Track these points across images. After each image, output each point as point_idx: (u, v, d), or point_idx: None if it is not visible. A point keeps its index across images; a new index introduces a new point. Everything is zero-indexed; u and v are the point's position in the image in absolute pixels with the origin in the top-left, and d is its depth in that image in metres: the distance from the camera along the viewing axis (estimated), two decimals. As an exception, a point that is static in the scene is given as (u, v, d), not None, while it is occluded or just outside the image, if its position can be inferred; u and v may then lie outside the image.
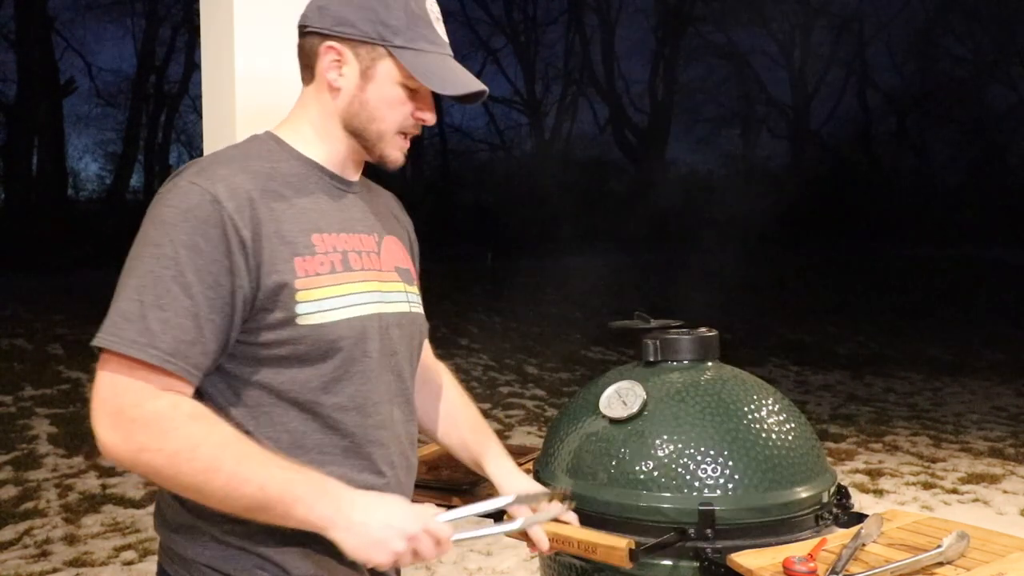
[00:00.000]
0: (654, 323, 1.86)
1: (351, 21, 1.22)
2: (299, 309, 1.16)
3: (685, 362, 1.76)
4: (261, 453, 1.12)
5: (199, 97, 1.91)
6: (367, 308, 1.24)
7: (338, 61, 1.24)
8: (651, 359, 1.76)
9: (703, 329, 1.82)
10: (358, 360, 1.23)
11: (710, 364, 1.77)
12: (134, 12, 21.73)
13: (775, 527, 1.53)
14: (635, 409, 1.63)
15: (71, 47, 21.01)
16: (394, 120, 1.26)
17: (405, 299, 1.34)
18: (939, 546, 1.37)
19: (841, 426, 7.37)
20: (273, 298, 1.15)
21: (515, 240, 21.59)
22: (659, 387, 1.68)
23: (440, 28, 1.28)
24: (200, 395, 1.17)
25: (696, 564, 1.49)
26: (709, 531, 1.50)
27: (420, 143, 27.16)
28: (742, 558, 1.39)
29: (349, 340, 1.20)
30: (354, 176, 1.35)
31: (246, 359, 1.18)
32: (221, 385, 1.19)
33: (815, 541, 1.45)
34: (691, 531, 1.50)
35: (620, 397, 1.67)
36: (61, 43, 20.30)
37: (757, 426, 1.61)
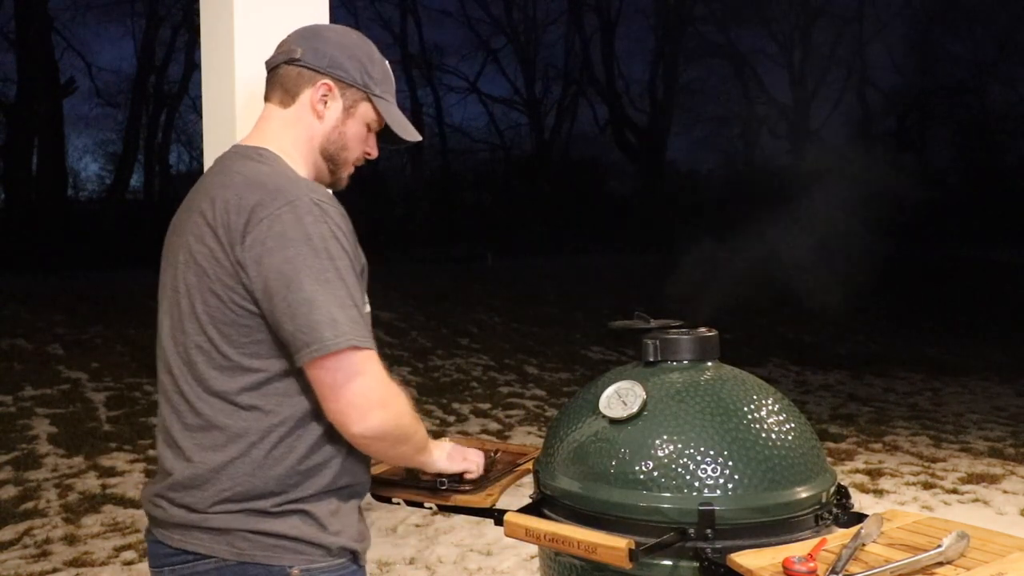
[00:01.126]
0: (654, 323, 1.86)
1: (344, 67, 1.51)
2: (365, 298, 1.43)
3: (685, 362, 1.76)
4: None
5: (199, 97, 1.91)
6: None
7: (327, 96, 1.51)
8: (651, 359, 1.76)
9: (703, 329, 1.82)
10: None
11: (710, 364, 1.77)
12: (134, 12, 21.75)
13: (775, 527, 1.53)
14: (635, 409, 1.63)
15: (71, 47, 21.03)
16: (358, 151, 1.57)
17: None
18: (939, 546, 1.37)
19: (841, 426, 7.37)
20: (362, 291, 1.42)
21: (515, 240, 21.59)
22: (659, 387, 1.68)
23: (394, 85, 1.60)
24: (300, 379, 1.39)
25: (696, 564, 1.49)
26: (709, 531, 1.49)
27: (420, 143, 27.14)
28: (742, 558, 1.39)
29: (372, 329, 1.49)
30: None
31: None
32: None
33: (815, 541, 1.45)
34: (691, 531, 1.50)
35: (620, 397, 1.67)
36: (61, 43, 20.32)
37: (757, 426, 1.61)
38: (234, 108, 1.79)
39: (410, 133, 1.59)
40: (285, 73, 1.50)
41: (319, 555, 1.40)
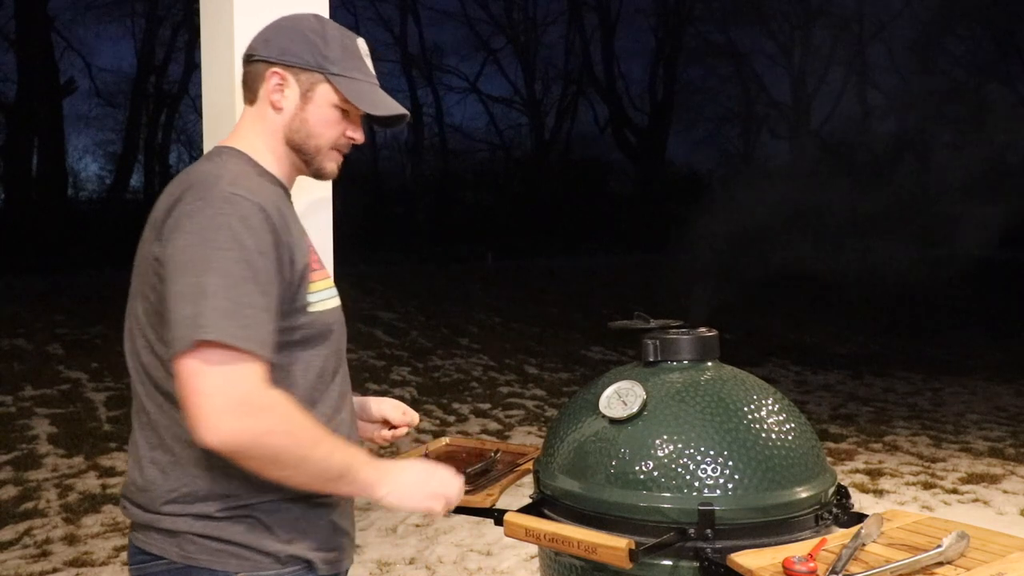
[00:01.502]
0: (654, 323, 1.86)
1: (294, 51, 1.43)
2: (309, 299, 1.36)
3: (685, 362, 1.76)
4: (334, 434, 1.33)
5: (199, 97, 1.91)
6: (336, 300, 1.47)
7: (281, 84, 1.44)
8: (651, 359, 1.76)
9: (703, 329, 1.82)
10: (337, 342, 1.45)
11: (710, 364, 1.77)
12: (134, 12, 21.74)
13: (775, 527, 1.53)
14: (635, 409, 1.63)
15: (71, 47, 21.02)
16: (329, 137, 1.47)
17: (336, 294, 1.53)
18: (939, 546, 1.37)
19: (841, 426, 7.37)
20: (297, 290, 1.34)
21: (515, 240, 21.59)
22: (659, 387, 1.68)
23: (370, 64, 1.50)
24: None
25: (696, 564, 1.49)
26: (709, 531, 1.50)
27: (420, 143, 27.20)
28: (742, 558, 1.39)
29: (335, 325, 1.44)
30: (291, 187, 1.53)
31: (278, 345, 1.34)
32: None
33: (815, 541, 1.45)
34: (691, 531, 1.50)
35: (620, 397, 1.67)
36: (61, 43, 20.31)
37: (757, 426, 1.61)
38: (234, 108, 1.79)
39: (384, 107, 1.47)
40: (246, 72, 1.47)
41: (267, 562, 1.34)
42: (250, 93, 1.47)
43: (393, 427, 1.73)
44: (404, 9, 26.12)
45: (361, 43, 1.50)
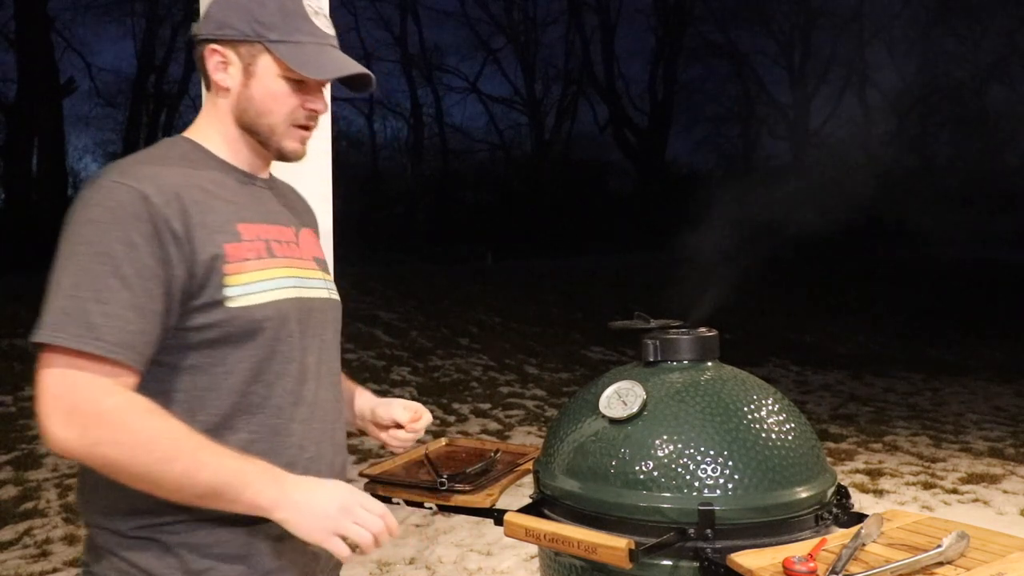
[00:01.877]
0: (654, 323, 1.86)
1: (229, 23, 1.30)
2: (227, 292, 1.22)
3: (685, 362, 1.76)
4: (212, 444, 1.17)
5: (199, 97, 1.90)
6: (288, 292, 1.31)
7: (223, 62, 1.31)
8: (651, 359, 1.76)
9: (703, 329, 1.82)
10: (282, 341, 1.29)
11: (710, 364, 1.77)
12: (134, 12, 21.75)
13: (775, 527, 1.53)
14: (635, 409, 1.63)
15: (71, 47, 21.03)
16: (282, 112, 1.32)
17: (324, 286, 1.42)
18: (939, 546, 1.37)
19: (841, 426, 7.37)
20: (205, 283, 1.21)
21: (515, 240, 21.59)
22: (659, 387, 1.68)
23: (320, 21, 1.34)
24: (141, 386, 1.20)
25: (696, 564, 1.49)
26: (709, 531, 1.49)
27: (420, 143, 27.20)
28: (742, 558, 1.39)
29: (273, 321, 1.26)
30: (264, 173, 1.42)
31: (179, 346, 1.22)
32: (156, 374, 1.22)
33: (815, 541, 1.45)
34: (691, 531, 1.50)
35: (620, 397, 1.67)
36: (61, 43, 20.32)
37: (757, 426, 1.61)
38: (234, 108, 1.78)
39: (333, 68, 1.31)
40: (195, 55, 1.35)
41: None
42: (204, 78, 1.35)
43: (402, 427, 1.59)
44: (404, 9, 26.14)
45: (308, 0, 1.34)
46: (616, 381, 1.72)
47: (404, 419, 1.57)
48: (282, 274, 1.30)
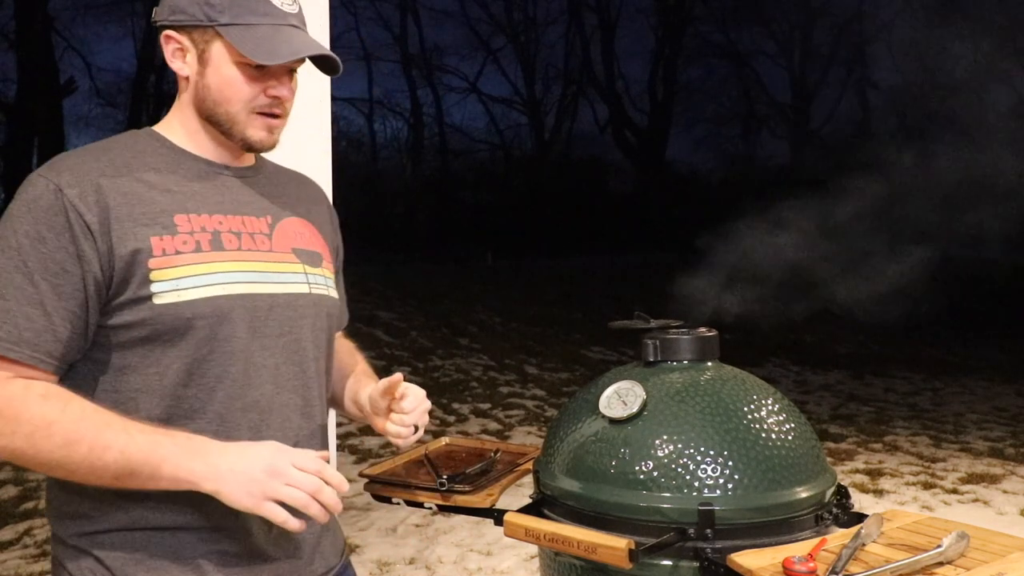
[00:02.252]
0: (654, 323, 1.86)
1: (181, 7, 1.23)
2: (154, 288, 1.15)
3: (685, 362, 1.76)
4: (122, 421, 1.11)
5: (199, 97, 1.90)
6: (234, 288, 1.21)
7: (180, 50, 1.26)
8: (651, 359, 1.76)
9: (703, 329, 1.82)
10: (222, 340, 1.20)
11: (710, 364, 1.77)
12: (134, 12, 21.73)
13: (775, 527, 1.53)
14: (635, 409, 1.63)
15: (71, 47, 21.03)
16: (240, 100, 1.25)
17: (304, 280, 1.32)
18: (939, 546, 1.37)
19: (841, 426, 7.37)
20: (126, 279, 1.15)
21: (515, 240, 21.59)
22: (659, 387, 1.68)
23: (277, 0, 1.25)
24: (73, 385, 1.16)
25: (696, 564, 1.49)
26: (709, 531, 1.49)
27: (420, 143, 27.21)
28: (742, 558, 1.39)
29: (207, 319, 1.18)
30: (240, 162, 1.34)
31: (108, 345, 1.17)
32: (88, 373, 1.18)
33: (815, 541, 1.45)
34: (691, 531, 1.50)
35: (620, 397, 1.67)
36: (61, 43, 20.32)
37: (757, 426, 1.61)
38: (234, 108, 1.79)
39: (285, 52, 1.21)
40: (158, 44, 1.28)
41: None
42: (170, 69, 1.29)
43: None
44: (404, 9, 26.14)
45: None
46: (616, 381, 1.72)
47: (382, 402, 1.43)
48: (228, 268, 1.21)
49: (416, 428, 1.43)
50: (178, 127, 1.30)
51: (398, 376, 1.39)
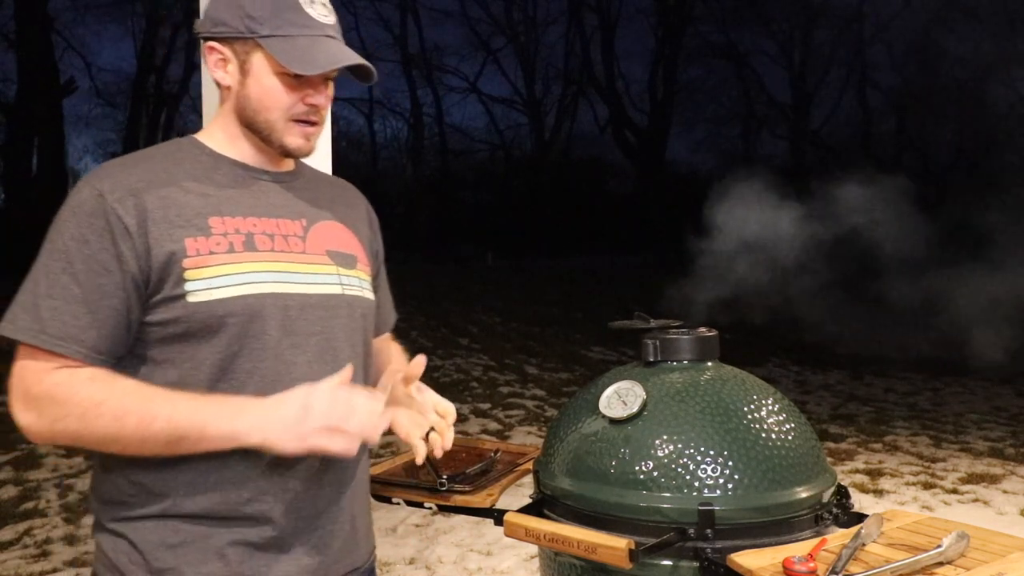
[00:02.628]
0: (654, 323, 1.86)
1: (223, 20, 1.28)
2: (188, 287, 1.21)
3: (685, 362, 1.76)
4: (165, 392, 1.18)
5: (199, 97, 1.90)
6: (268, 287, 1.25)
7: (222, 60, 1.30)
8: (651, 359, 1.76)
9: (703, 329, 1.82)
10: (254, 337, 1.24)
11: (710, 364, 1.77)
12: (134, 12, 21.78)
13: (775, 527, 1.53)
14: (635, 409, 1.63)
15: (71, 47, 21.08)
16: (280, 108, 1.30)
17: (337, 282, 1.35)
18: (939, 546, 1.37)
19: (841, 426, 7.37)
20: (163, 278, 1.20)
21: (515, 240, 21.60)
22: (659, 387, 1.68)
23: (315, 11, 1.29)
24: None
25: (696, 564, 1.49)
26: (709, 531, 1.49)
27: (420, 143, 27.20)
28: (742, 558, 1.39)
29: (240, 317, 1.22)
30: (275, 167, 1.38)
31: (147, 340, 1.23)
32: (130, 366, 1.24)
33: (815, 541, 1.45)
34: (691, 531, 1.50)
35: (620, 397, 1.67)
36: (61, 43, 20.36)
37: (757, 426, 1.61)
38: (234, 108, 1.78)
39: (324, 62, 1.26)
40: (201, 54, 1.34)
41: None
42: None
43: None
44: (404, 9, 26.17)
45: None
46: (616, 381, 1.72)
47: (414, 436, 1.43)
48: (260, 268, 1.25)
49: (430, 431, 1.42)
50: (219, 134, 1.35)
51: (420, 359, 1.38)
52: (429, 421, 1.38)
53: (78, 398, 1.15)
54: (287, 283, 1.27)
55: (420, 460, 1.39)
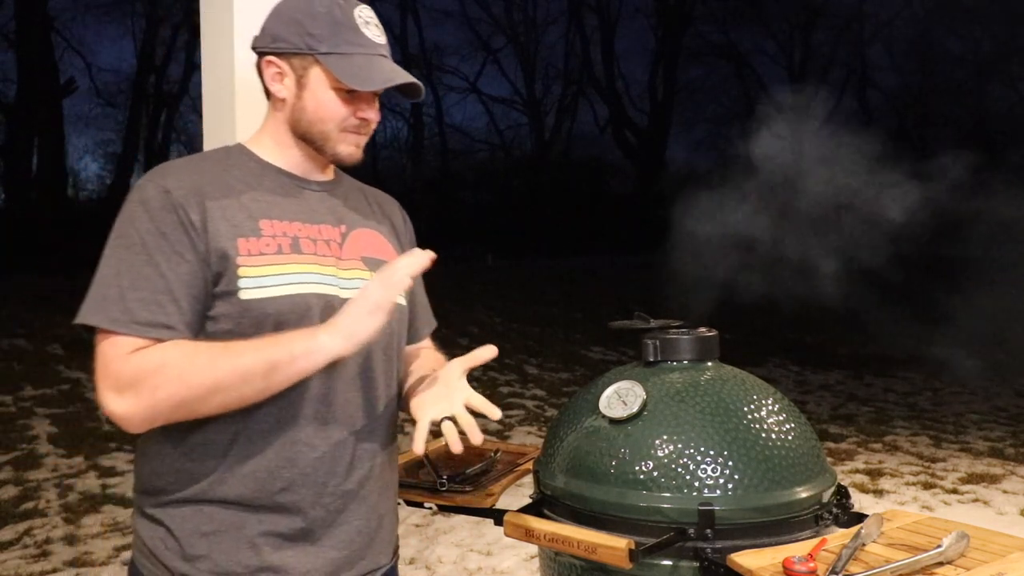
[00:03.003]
0: (654, 323, 1.86)
1: (283, 36, 1.37)
2: (240, 284, 1.28)
3: (685, 362, 1.76)
4: (239, 341, 1.25)
5: (199, 97, 1.91)
6: (311, 287, 1.33)
7: (279, 74, 1.38)
8: (651, 359, 1.76)
9: (703, 329, 1.82)
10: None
11: (710, 364, 1.77)
12: (134, 12, 21.76)
13: (775, 527, 1.53)
14: (635, 409, 1.63)
15: (71, 47, 21.04)
16: (334, 121, 1.38)
17: None
18: (939, 546, 1.37)
19: (841, 426, 7.37)
20: (219, 274, 1.28)
21: (515, 240, 21.60)
22: (659, 387, 1.68)
23: (370, 32, 1.39)
24: None
25: (696, 564, 1.49)
26: (709, 531, 1.50)
27: (420, 143, 27.20)
28: (742, 558, 1.39)
29: (289, 315, 1.29)
30: (321, 175, 1.47)
31: (204, 332, 1.29)
32: None
33: (815, 541, 1.45)
34: (691, 531, 1.50)
35: (620, 397, 1.67)
36: (61, 43, 20.32)
37: (757, 426, 1.61)
38: (234, 108, 1.79)
39: (380, 79, 1.36)
40: (256, 66, 1.42)
41: (166, 574, 1.29)
42: (265, 88, 1.43)
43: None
44: (404, 9, 26.14)
45: (359, 10, 1.39)
46: (616, 381, 1.72)
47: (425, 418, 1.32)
48: (305, 270, 1.33)
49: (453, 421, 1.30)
50: (269, 143, 1.43)
51: (490, 348, 1.34)
52: (453, 409, 1.27)
53: (170, 362, 1.21)
54: (329, 285, 1.35)
55: (419, 449, 1.27)
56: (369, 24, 1.40)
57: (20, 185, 18.78)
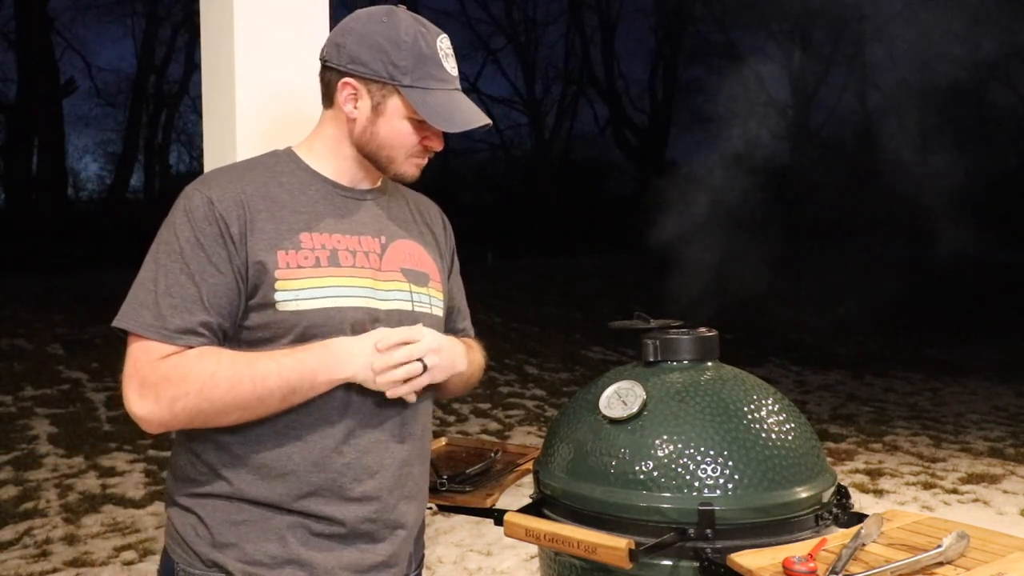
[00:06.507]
0: (654, 323, 1.86)
1: (364, 61, 1.37)
2: (278, 296, 1.31)
3: (685, 362, 1.76)
4: (267, 353, 1.30)
5: (199, 97, 1.91)
6: (347, 300, 1.35)
7: (354, 95, 1.40)
8: (651, 359, 1.76)
9: (703, 329, 1.82)
10: None
11: (710, 364, 1.77)
12: (134, 12, 21.74)
13: (775, 527, 1.53)
14: (635, 409, 1.63)
15: (71, 47, 21.02)
16: (402, 148, 1.41)
17: (408, 298, 1.44)
18: (939, 546, 1.37)
19: (841, 426, 7.37)
20: (257, 285, 1.31)
21: (515, 240, 21.59)
22: (659, 387, 1.68)
23: (449, 64, 1.41)
24: None
25: (696, 564, 1.49)
26: (709, 531, 1.50)
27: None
28: (742, 558, 1.39)
29: (324, 328, 1.32)
30: (367, 184, 1.48)
31: (238, 340, 1.33)
32: None
33: (815, 541, 1.45)
34: (691, 531, 1.50)
35: (620, 397, 1.67)
36: (61, 43, 20.30)
37: (757, 426, 1.61)
38: (234, 108, 1.79)
39: (460, 120, 1.38)
40: (320, 76, 1.44)
41: (196, 562, 1.34)
42: (326, 98, 1.44)
43: None
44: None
45: (440, 41, 1.40)
46: (616, 381, 1.72)
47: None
48: (341, 283, 1.36)
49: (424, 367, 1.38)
50: (323, 151, 1.44)
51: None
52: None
53: (193, 375, 1.25)
54: (363, 298, 1.38)
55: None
56: (449, 57, 1.41)
57: (20, 185, 18.78)
